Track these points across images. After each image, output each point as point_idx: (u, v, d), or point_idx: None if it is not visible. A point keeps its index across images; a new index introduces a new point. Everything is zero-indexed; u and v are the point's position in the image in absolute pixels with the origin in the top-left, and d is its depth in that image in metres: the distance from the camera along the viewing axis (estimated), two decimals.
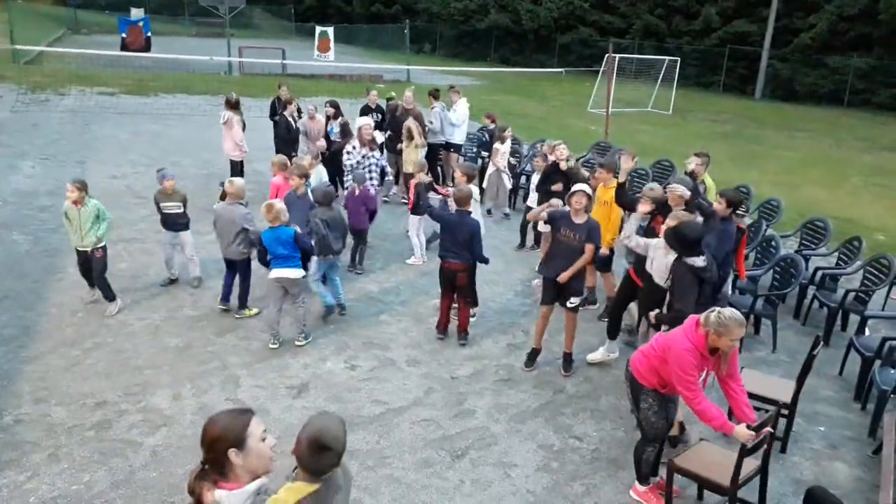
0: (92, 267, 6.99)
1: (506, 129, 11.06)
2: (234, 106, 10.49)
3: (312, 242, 6.74)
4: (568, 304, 6.19)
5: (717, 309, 4.12)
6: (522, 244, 9.68)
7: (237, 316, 7.13)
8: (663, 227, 5.57)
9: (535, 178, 9.22)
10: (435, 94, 12.02)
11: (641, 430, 4.65)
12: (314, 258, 7.00)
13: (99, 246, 6.93)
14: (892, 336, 6.26)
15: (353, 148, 9.35)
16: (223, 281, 7.28)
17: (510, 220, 10.74)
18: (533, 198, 9.24)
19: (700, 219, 5.94)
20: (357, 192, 8.14)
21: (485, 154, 11.51)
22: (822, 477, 5.11)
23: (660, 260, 5.60)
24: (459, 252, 6.54)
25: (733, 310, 4.12)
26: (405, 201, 10.01)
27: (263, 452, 2.44)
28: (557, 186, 8.13)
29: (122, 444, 5.06)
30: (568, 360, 6.43)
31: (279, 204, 6.48)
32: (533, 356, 6.49)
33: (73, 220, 6.80)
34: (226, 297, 7.25)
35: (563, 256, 6.10)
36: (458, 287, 6.70)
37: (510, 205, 11.12)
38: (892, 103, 27.51)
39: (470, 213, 6.65)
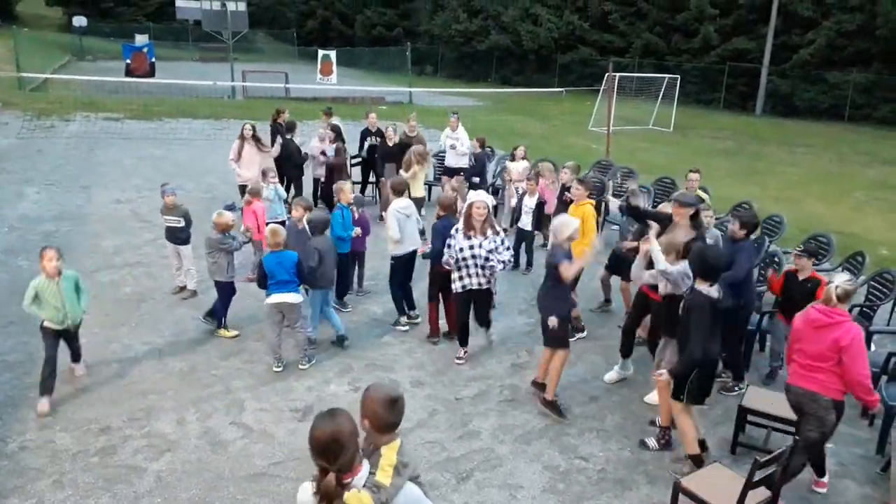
0: (69, 341, 6.06)
1: (518, 148, 11.18)
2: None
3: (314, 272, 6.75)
4: (549, 323, 5.78)
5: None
6: (516, 265, 9.20)
7: (209, 325, 7.26)
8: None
9: (528, 200, 9.26)
10: (328, 112, 12.40)
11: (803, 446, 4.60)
12: (312, 291, 6.92)
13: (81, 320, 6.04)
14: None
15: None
16: (216, 309, 7.33)
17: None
18: (525, 220, 9.26)
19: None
20: (356, 216, 8.19)
21: (475, 179, 11.37)
22: (832, 496, 5.07)
23: (639, 262, 5.94)
24: None
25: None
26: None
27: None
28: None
29: (127, 470, 5.04)
30: (552, 406, 5.94)
31: (283, 229, 6.54)
32: (535, 385, 6.25)
33: (51, 298, 5.66)
34: (221, 324, 7.30)
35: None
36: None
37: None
38: (893, 118, 27.58)
39: (456, 218, 6.97)
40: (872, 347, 6.96)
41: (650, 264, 5.71)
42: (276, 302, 6.41)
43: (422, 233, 7.69)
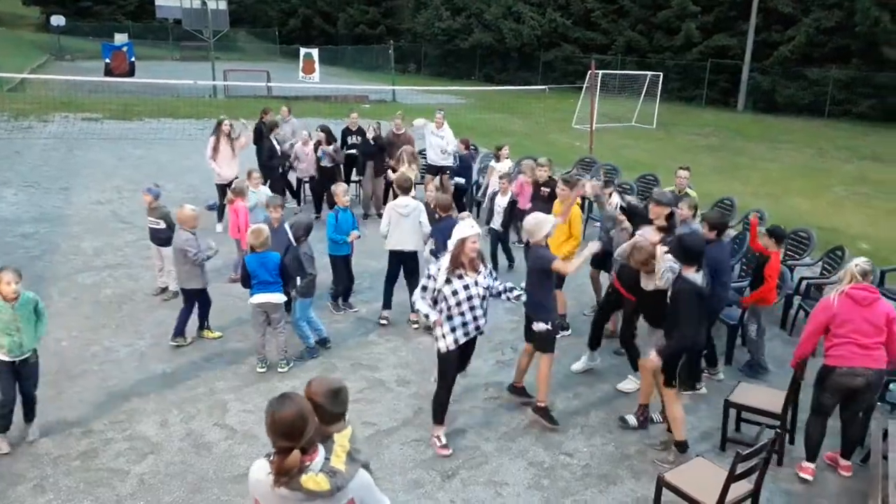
0: (23, 381, 5.17)
1: (502, 148, 11.12)
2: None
3: (297, 279, 6.68)
4: (534, 327, 5.60)
5: None
6: (495, 267, 9.02)
7: (195, 336, 7.08)
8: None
9: (500, 200, 9.09)
10: (266, 109, 12.28)
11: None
12: (300, 301, 6.81)
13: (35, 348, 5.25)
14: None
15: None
16: (179, 315, 7.00)
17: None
18: (498, 220, 9.11)
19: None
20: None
21: (461, 181, 11.32)
22: (813, 486, 5.12)
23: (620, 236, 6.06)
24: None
25: None
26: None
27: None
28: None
29: (109, 474, 4.99)
30: (544, 413, 5.78)
31: (266, 229, 6.48)
32: (514, 391, 6.14)
33: (4, 324, 4.94)
34: (179, 332, 6.97)
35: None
36: None
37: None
38: (872, 113, 27.91)
39: (451, 217, 7.17)
40: None
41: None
42: (259, 302, 6.37)
43: (425, 241, 7.61)
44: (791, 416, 5.52)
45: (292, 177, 11.85)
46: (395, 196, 8.16)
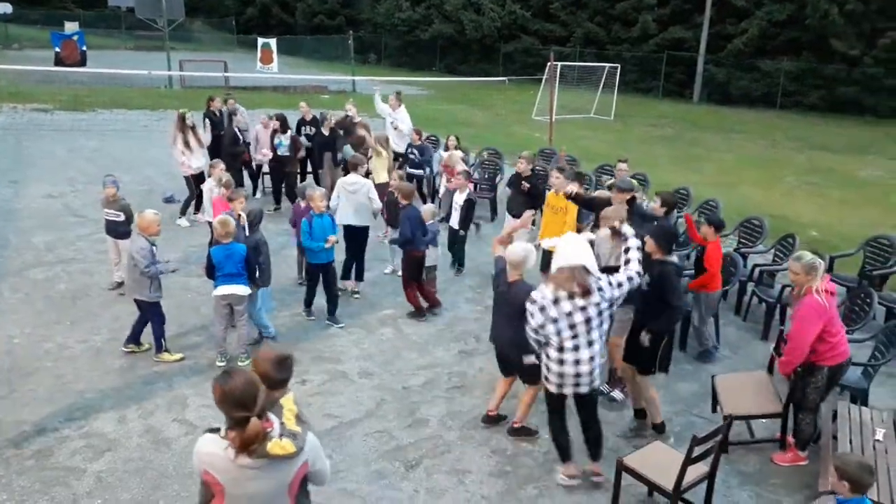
0: None
1: (448, 138, 11.10)
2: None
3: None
4: (526, 362, 5.20)
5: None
6: (457, 265, 9.11)
7: (155, 359, 6.48)
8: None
9: (458, 197, 8.78)
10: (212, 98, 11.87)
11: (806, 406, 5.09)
12: (261, 290, 6.73)
13: None
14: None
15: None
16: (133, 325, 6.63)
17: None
18: (455, 217, 8.80)
19: None
20: (303, 205, 8.09)
21: (419, 172, 11.18)
22: (765, 465, 5.29)
23: (604, 247, 5.89)
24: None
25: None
26: None
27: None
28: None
29: (65, 472, 4.90)
30: (523, 431, 5.56)
31: (233, 220, 6.38)
32: (489, 420, 5.71)
33: None
34: (133, 339, 6.60)
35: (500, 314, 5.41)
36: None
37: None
38: (822, 104, 28.67)
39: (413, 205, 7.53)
40: None
41: None
42: (223, 294, 6.27)
43: (375, 215, 8.14)
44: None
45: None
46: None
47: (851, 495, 3.45)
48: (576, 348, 4.56)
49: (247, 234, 6.72)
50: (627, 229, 5.12)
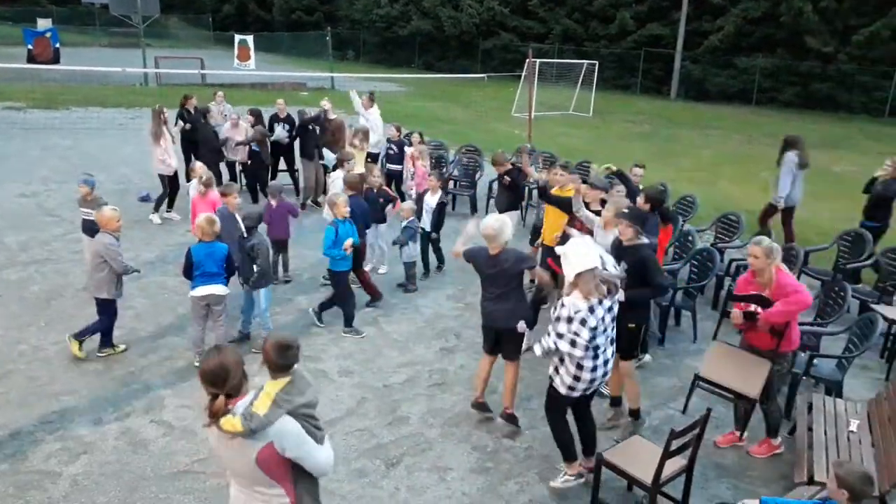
0: None
1: (412, 134, 11.05)
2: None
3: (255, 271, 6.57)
4: (519, 328, 5.34)
5: None
6: (427, 271, 8.86)
7: (99, 354, 6.43)
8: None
9: (430, 199, 8.51)
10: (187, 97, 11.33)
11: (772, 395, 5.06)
12: (263, 291, 6.67)
13: None
14: (802, 322, 6.60)
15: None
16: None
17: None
18: (426, 219, 8.53)
19: None
20: (275, 204, 8.06)
21: (397, 167, 11.07)
22: (742, 458, 5.35)
23: (602, 238, 5.86)
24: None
25: None
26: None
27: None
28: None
29: (40, 476, 4.82)
30: (513, 418, 5.61)
31: (218, 219, 6.33)
32: (479, 408, 5.73)
33: None
34: (106, 343, 6.51)
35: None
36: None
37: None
38: (797, 101, 29.05)
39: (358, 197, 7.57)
40: None
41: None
42: (202, 294, 6.20)
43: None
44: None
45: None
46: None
47: None
48: (602, 351, 4.53)
49: (245, 235, 6.69)
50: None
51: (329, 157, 10.33)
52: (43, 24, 28.60)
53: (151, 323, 7.07)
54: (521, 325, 5.34)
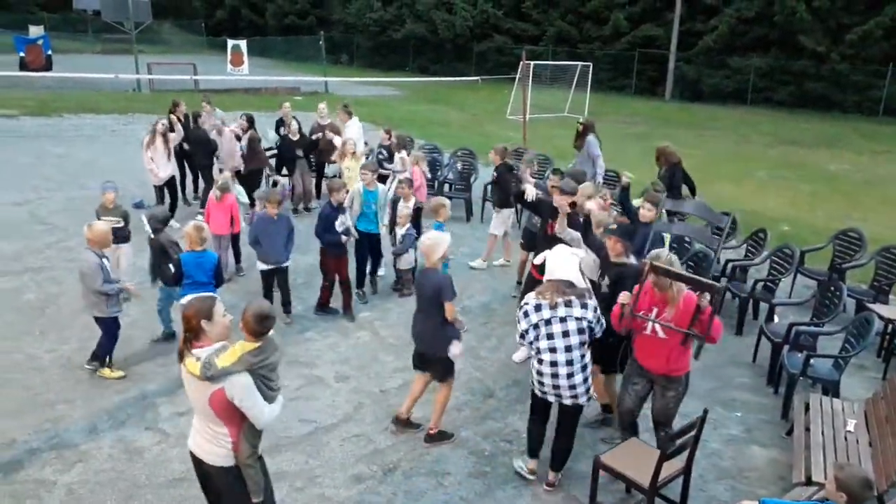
0: None
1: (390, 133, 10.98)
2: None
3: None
4: (452, 351, 5.16)
5: None
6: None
7: (89, 367, 6.24)
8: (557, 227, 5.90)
9: (403, 206, 8.21)
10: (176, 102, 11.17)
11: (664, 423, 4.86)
12: (173, 290, 6.54)
13: None
14: (798, 322, 6.61)
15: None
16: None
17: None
18: (401, 230, 8.06)
19: None
20: (254, 211, 8.06)
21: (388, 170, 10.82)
22: (740, 460, 5.34)
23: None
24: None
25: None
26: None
27: (224, 324, 3.55)
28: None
29: (35, 485, 4.79)
30: (439, 436, 5.46)
31: (207, 227, 6.31)
32: (399, 423, 5.61)
33: None
34: (98, 357, 6.29)
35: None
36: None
37: None
38: (791, 100, 29.11)
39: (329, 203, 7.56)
40: (776, 319, 7.35)
41: None
42: None
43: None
44: None
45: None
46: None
47: None
48: (553, 361, 4.62)
49: (152, 236, 6.86)
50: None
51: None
52: (35, 31, 28.60)
53: (146, 331, 7.03)
54: (455, 349, 5.14)
